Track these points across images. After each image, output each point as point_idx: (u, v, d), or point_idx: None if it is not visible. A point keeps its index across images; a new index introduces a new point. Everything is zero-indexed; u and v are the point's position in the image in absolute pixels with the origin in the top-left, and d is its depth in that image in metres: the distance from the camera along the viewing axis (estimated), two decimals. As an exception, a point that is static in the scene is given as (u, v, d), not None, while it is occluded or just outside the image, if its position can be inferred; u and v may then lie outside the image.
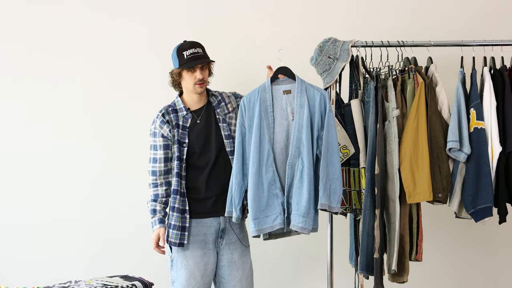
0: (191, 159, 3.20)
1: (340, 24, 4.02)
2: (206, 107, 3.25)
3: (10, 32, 4.08)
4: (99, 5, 4.08)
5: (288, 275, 4.10)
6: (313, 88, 3.16)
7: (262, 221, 3.11)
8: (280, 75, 3.20)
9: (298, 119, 3.12)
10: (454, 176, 3.26)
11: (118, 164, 4.07)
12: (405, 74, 3.32)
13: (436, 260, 4.07)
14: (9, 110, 4.09)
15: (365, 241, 3.24)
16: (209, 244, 3.19)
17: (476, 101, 3.26)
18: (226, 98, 3.33)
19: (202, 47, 3.22)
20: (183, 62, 3.14)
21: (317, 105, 3.13)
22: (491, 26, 3.98)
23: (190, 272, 3.16)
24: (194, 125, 3.21)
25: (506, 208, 3.33)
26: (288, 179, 3.12)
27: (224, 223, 3.21)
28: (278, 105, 3.17)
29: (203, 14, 4.07)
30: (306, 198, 3.06)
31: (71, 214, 4.07)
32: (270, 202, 3.13)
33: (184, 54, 3.15)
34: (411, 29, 3.98)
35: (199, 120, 3.21)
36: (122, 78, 4.06)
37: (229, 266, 3.22)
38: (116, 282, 3.46)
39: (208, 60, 3.19)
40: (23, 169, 4.07)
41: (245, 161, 3.16)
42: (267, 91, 3.17)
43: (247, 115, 3.16)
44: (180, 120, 3.20)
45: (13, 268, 4.04)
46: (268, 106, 3.15)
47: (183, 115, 3.21)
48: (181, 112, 3.22)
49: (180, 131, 3.19)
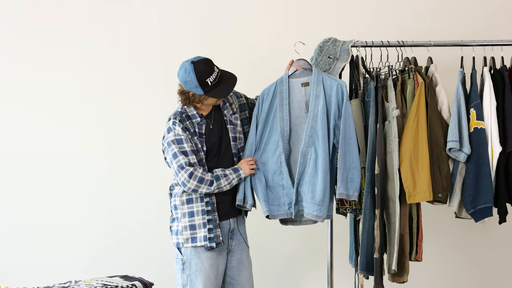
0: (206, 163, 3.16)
1: (340, 24, 4.02)
2: (214, 109, 3.21)
3: (10, 35, 4.08)
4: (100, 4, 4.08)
5: (288, 275, 4.10)
6: (330, 79, 3.18)
7: (270, 208, 3.20)
8: (298, 66, 3.22)
9: (312, 108, 3.15)
10: (454, 176, 3.26)
11: (118, 166, 4.07)
12: (405, 74, 3.32)
13: (436, 260, 4.07)
14: (10, 113, 4.09)
15: (365, 241, 3.24)
16: (221, 245, 3.15)
17: (476, 101, 3.26)
18: (230, 98, 3.30)
19: (214, 64, 3.11)
20: (209, 89, 3.03)
21: (333, 94, 3.15)
22: (491, 26, 3.98)
23: (206, 275, 3.11)
24: (208, 131, 3.15)
25: (506, 208, 3.32)
26: (300, 167, 3.14)
27: (233, 224, 3.20)
28: (295, 97, 3.20)
29: (211, 14, 4.08)
30: (321, 187, 3.09)
31: (72, 214, 4.07)
32: (275, 192, 3.17)
33: (207, 81, 3.03)
34: (411, 29, 3.98)
35: (212, 125, 3.17)
36: (125, 82, 4.07)
37: (239, 266, 3.21)
38: (116, 282, 3.46)
39: (234, 84, 3.11)
40: (24, 172, 4.08)
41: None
42: (284, 83, 3.20)
43: (262, 108, 3.21)
44: (196, 127, 3.12)
45: (13, 268, 4.05)
46: (284, 99, 3.18)
47: (198, 122, 3.13)
48: (195, 118, 3.13)
49: (198, 138, 3.12)
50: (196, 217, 3.09)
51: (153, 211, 4.07)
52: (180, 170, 3.03)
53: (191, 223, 3.10)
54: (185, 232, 3.10)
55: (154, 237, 4.07)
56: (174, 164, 3.06)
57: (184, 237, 3.10)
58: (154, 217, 4.06)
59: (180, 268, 3.14)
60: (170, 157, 3.08)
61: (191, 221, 3.10)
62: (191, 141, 3.08)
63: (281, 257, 4.08)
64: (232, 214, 3.20)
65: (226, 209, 3.17)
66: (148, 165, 4.01)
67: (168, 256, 4.01)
